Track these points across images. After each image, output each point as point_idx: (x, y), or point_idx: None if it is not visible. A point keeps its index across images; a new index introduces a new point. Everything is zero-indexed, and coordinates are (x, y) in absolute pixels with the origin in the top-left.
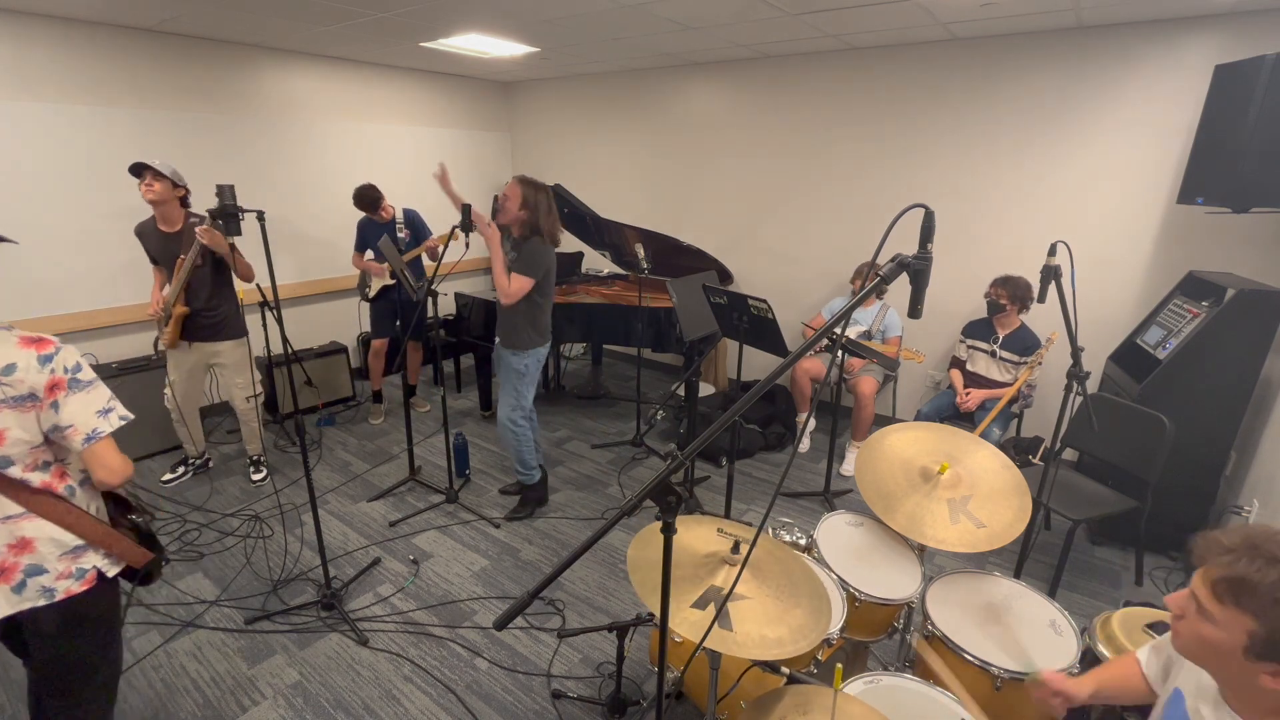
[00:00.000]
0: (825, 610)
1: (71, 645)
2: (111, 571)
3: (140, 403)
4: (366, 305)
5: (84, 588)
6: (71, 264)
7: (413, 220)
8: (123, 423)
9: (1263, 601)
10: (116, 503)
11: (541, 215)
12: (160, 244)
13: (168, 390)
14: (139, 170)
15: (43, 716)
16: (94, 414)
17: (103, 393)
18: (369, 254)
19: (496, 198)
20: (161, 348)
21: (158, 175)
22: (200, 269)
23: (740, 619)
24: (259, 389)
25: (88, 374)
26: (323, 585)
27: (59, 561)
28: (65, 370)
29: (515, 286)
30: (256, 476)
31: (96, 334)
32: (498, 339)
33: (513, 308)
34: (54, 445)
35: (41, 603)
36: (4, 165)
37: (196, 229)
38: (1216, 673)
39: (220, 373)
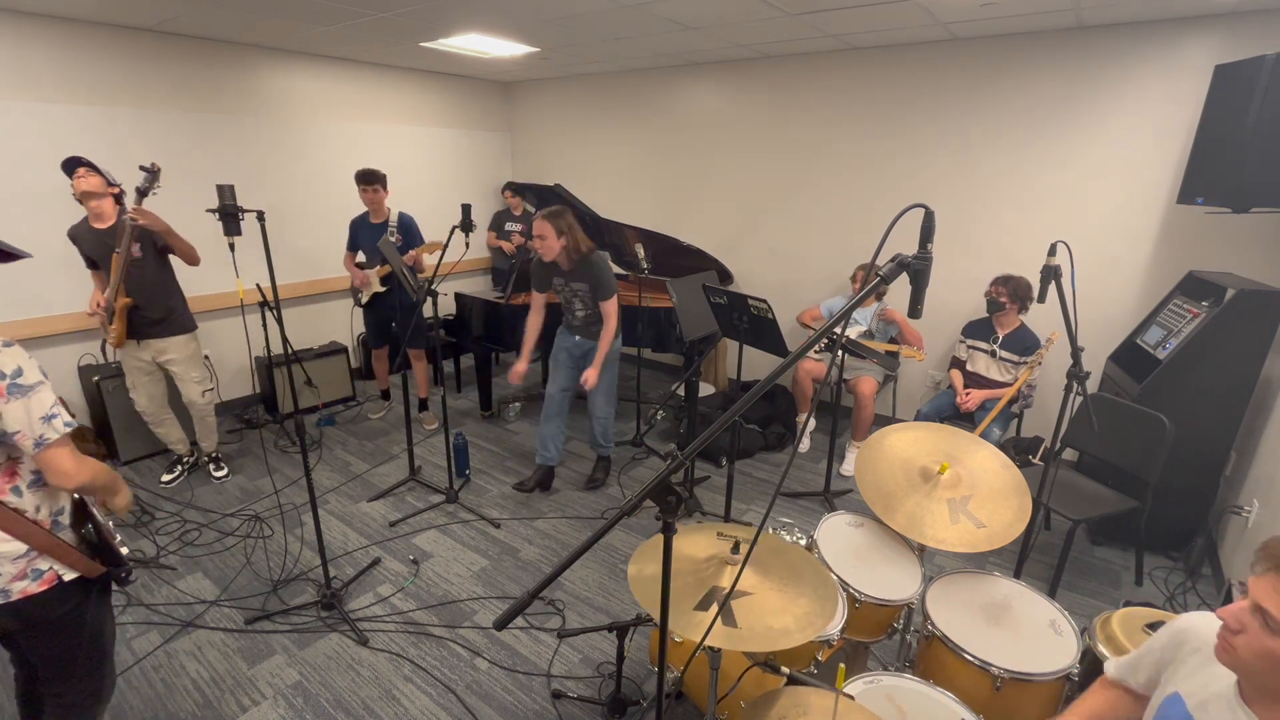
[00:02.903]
0: (831, 597)
1: (38, 642)
2: (69, 576)
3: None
4: (360, 310)
5: (41, 588)
6: (72, 263)
7: (407, 226)
8: (68, 429)
9: None
10: (77, 509)
11: (578, 235)
12: (95, 242)
13: (131, 394)
14: (72, 166)
15: (35, 704)
16: (38, 420)
17: (46, 397)
18: (360, 255)
19: (528, 244)
20: (112, 346)
21: (92, 168)
22: (140, 261)
23: (745, 614)
24: (213, 383)
25: (31, 377)
26: (323, 585)
27: (12, 564)
28: (3, 376)
29: (614, 311)
30: (218, 474)
31: (97, 334)
32: (579, 337)
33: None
34: (3, 446)
35: None
36: (4, 165)
37: (129, 210)
38: (1267, 681)
39: (173, 369)
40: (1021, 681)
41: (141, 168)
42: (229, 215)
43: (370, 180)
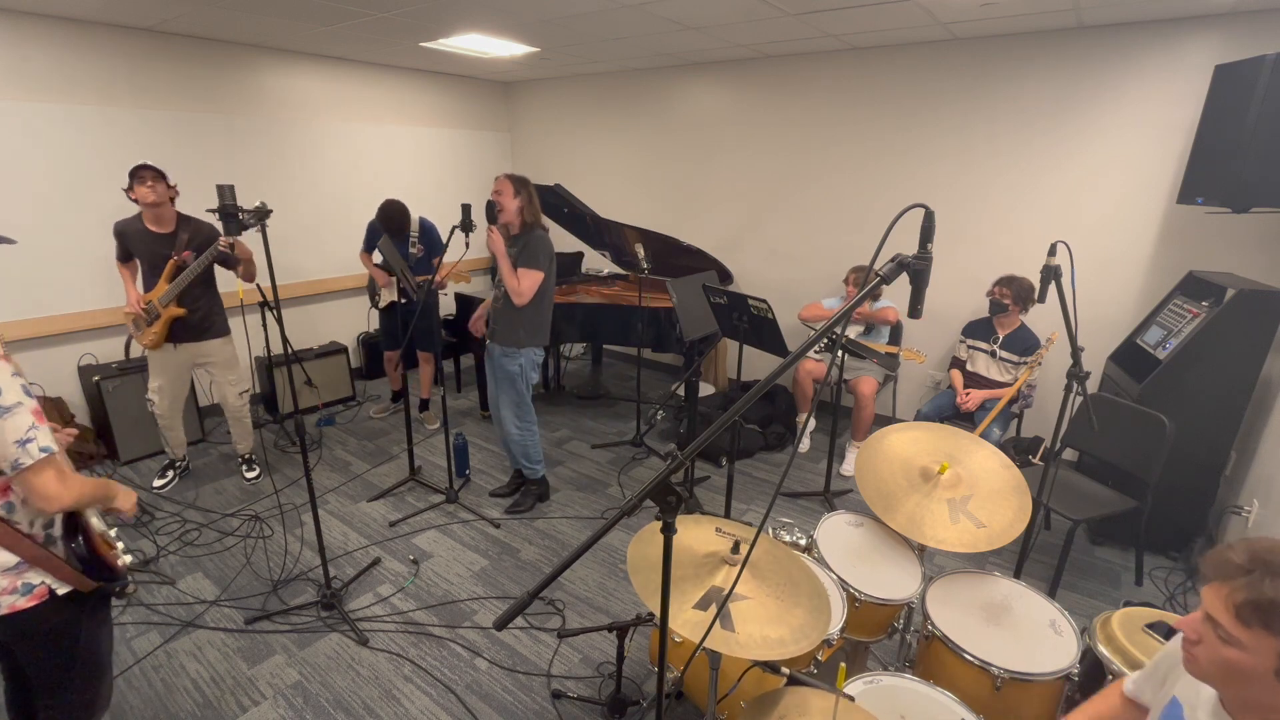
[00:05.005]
0: (825, 610)
1: (30, 655)
2: (62, 590)
3: (142, 402)
4: (376, 312)
5: (31, 603)
6: (72, 263)
7: (428, 233)
8: (45, 454)
9: None
10: (67, 522)
11: (536, 205)
12: (148, 243)
13: (152, 396)
14: (137, 171)
15: (27, 712)
16: (11, 444)
17: (22, 421)
18: (377, 256)
19: (490, 202)
20: (144, 349)
21: (159, 176)
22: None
23: (741, 619)
24: (251, 384)
25: (10, 397)
26: (323, 585)
27: (2, 578)
28: None
29: (526, 284)
30: (250, 475)
31: (97, 334)
32: (489, 338)
33: (513, 304)
34: None
35: None
36: (4, 165)
37: (221, 239)
38: (1234, 691)
39: (211, 372)
40: (1021, 681)
41: (257, 207)
42: (229, 215)
43: (400, 229)
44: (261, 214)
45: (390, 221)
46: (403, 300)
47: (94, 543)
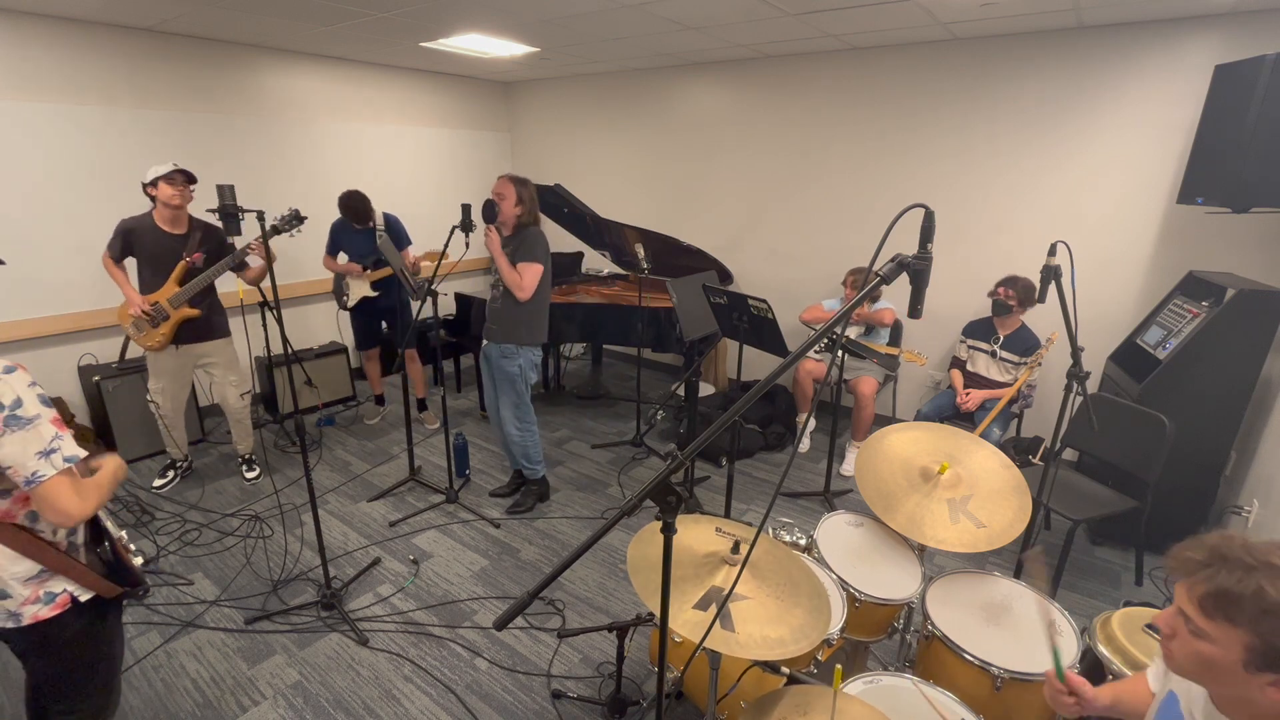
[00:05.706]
0: (825, 610)
1: (50, 664)
2: (84, 596)
3: (141, 402)
4: (345, 315)
5: (54, 612)
6: (72, 263)
7: (393, 226)
8: (68, 464)
9: (1250, 613)
10: (93, 529)
11: (535, 210)
12: (158, 242)
13: (155, 398)
14: (172, 176)
15: (42, 713)
16: (33, 455)
17: (45, 431)
18: (342, 258)
19: (488, 201)
20: (145, 350)
21: (190, 180)
22: (197, 268)
23: (741, 619)
24: (251, 385)
25: (31, 409)
26: (323, 585)
27: (24, 587)
28: (2, 407)
29: (528, 278)
30: (250, 475)
31: (97, 334)
32: (485, 339)
33: (513, 301)
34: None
35: (9, 625)
36: (4, 165)
37: (251, 243)
38: (1215, 687)
39: (212, 372)
40: (1021, 681)
41: (292, 213)
42: (229, 215)
43: (364, 219)
44: (297, 219)
45: (353, 212)
46: (375, 294)
47: (118, 548)
